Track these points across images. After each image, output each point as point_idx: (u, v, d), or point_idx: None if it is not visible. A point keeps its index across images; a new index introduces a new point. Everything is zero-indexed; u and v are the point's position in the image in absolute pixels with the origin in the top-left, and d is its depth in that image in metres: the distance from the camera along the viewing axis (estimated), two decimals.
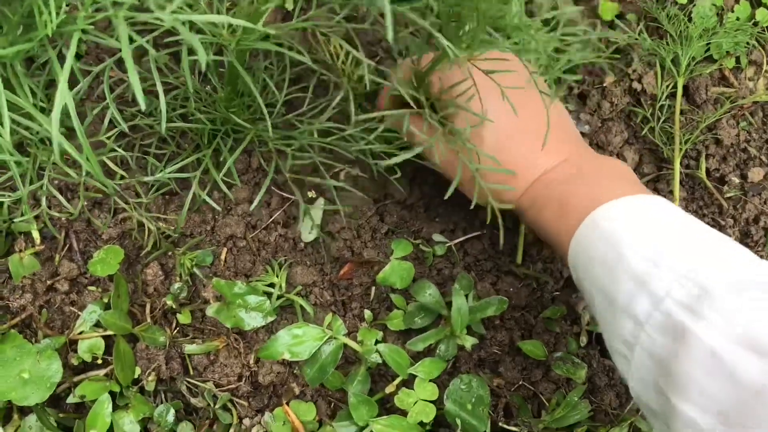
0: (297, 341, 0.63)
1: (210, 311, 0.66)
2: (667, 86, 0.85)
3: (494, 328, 0.75)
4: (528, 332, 0.76)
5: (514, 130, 0.62)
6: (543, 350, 0.71)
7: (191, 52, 0.57)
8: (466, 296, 0.73)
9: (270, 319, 0.67)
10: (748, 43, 0.88)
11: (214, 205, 0.69)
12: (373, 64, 0.62)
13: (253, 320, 0.66)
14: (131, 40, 0.46)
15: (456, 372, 0.74)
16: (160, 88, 0.48)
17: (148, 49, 0.47)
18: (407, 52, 0.71)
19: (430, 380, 0.66)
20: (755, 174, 0.85)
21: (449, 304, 0.70)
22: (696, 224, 0.52)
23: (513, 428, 0.73)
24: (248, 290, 0.66)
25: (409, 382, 0.67)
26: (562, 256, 0.59)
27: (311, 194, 0.76)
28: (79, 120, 0.42)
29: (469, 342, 0.67)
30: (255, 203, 0.69)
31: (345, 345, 0.66)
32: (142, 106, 0.39)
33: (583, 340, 0.73)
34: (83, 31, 0.50)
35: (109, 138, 0.63)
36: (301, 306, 0.71)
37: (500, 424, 0.73)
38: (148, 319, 0.71)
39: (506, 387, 0.74)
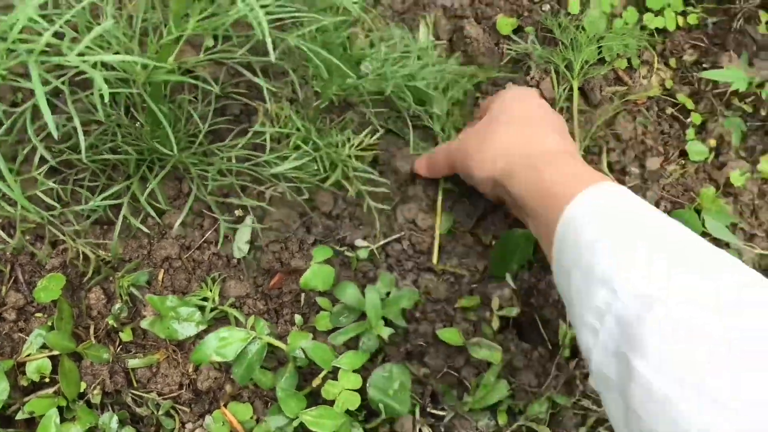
0: (224, 343, 0.69)
1: (145, 324, 0.72)
2: (564, 89, 0.92)
3: (416, 321, 0.81)
4: (449, 323, 0.82)
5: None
6: (460, 337, 0.78)
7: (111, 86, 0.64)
8: (388, 293, 0.79)
9: (202, 327, 0.72)
10: (639, 46, 0.96)
11: (145, 229, 0.74)
12: (269, 86, 0.68)
13: (185, 330, 0.72)
14: (47, 82, 0.53)
15: (386, 364, 0.80)
16: (78, 123, 0.54)
17: (68, 88, 0.54)
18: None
19: (354, 371, 0.72)
20: (652, 163, 0.92)
21: None
22: (654, 210, 0.58)
23: (440, 412, 0.79)
24: (180, 303, 0.72)
25: (335, 375, 0.73)
26: (543, 228, 0.64)
27: (239, 213, 0.82)
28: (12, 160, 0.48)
29: (385, 332, 0.73)
30: (176, 225, 0.75)
31: (270, 344, 0.72)
32: (55, 134, 0.45)
33: (495, 324, 0.79)
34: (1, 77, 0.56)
35: (40, 174, 0.69)
36: (234, 316, 0.77)
37: (428, 409, 0.79)
38: (93, 339, 0.76)
39: (432, 375, 0.80)
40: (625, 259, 0.52)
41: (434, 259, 0.83)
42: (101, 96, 0.48)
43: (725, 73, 0.87)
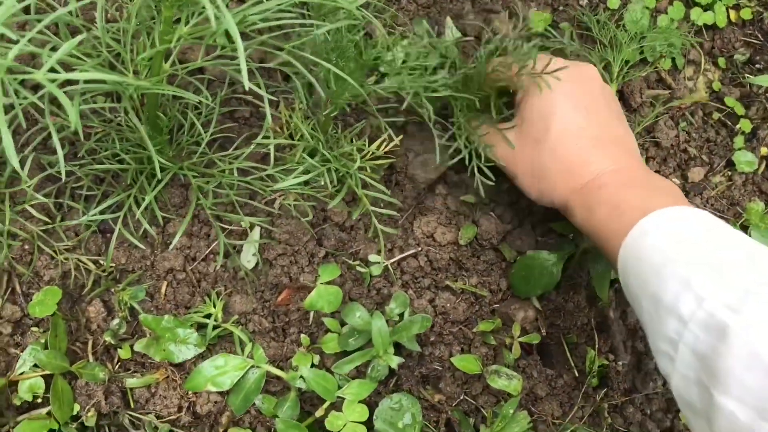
0: (219, 372, 0.65)
1: (139, 346, 0.68)
2: None
3: (432, 345, 0.76)
4: (467, 346, 0.76)
5: (577, 129, 0.67)
6: (477, 364, 0.72)
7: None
8: (401, 314, 0.74)
9: (200, 350, 0.68)
10: (685, 44, 0.88)
11: (140, 245, 0.71)
12: (270, 97, 0.63)
13: (182, 353, 0.68)
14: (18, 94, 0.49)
15: (399, 390, 0.75)
16: (54, 134, 0.50)
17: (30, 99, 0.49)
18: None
19: (360, 401, 0.67)
20: (695, 174, 0.85)
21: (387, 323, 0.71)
22: (738, 235, 0.57)
23: None
24: (176, 324, 0.68)
25: (340, 405, 0.68)
26: (610, 258, 0.63)
27: (245, 224, 0.77)
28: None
29: (394, 362, 0.68)
30: (175, 240, 0.70)
31: (270, 372, 0.68)
32: (17, 167, 0.41)
33: (516, 353, 0.74)
34: None
35: (29, 186, 0.65)
36: (238, 336, 0.72)
37: None
38: (90, 356, 0.72)
39: (447, 402, 0.75)
40: (691, 287, 0.51)
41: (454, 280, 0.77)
42: (101, 98, 0.44)
43: None
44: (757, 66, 0.91)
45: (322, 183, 0.67)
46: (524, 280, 0.75)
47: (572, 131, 0.67)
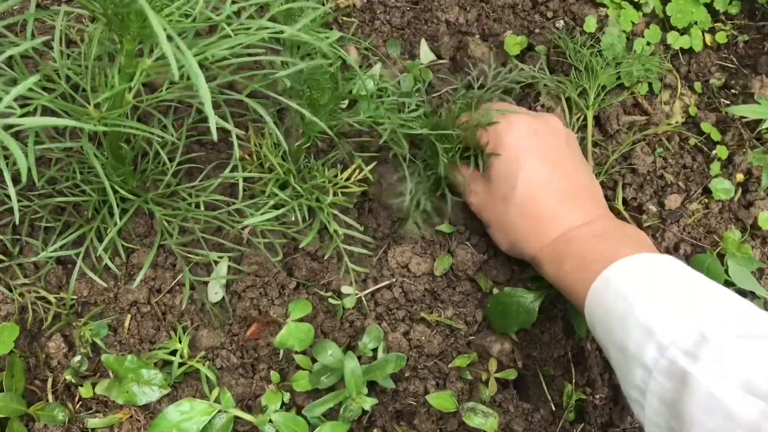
0: (185, 417, 0.62)
1: (100, 389, 0.65)
2: (577, 119, 0.84)
3: (407, 380, 0.74)
4: (443, 381, 0.74)
5: (543, 185, 0.68)
6: (452, 402, 0.70)
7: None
8: (375, 349, 0.72)
9: (164, 391, 0.65)
10: (661, 68, 0.87)
11: (101, 282, 0.68)
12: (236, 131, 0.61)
13: (146, 395, 0.65)
14: None
15: (372, 427, 0.73)
16: (6, 172, 0.47)
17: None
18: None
19: None
20: (672, 201, 0.84)
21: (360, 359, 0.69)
22: (699, 278, 0.58)
23: None
24: (139, 364, 0.65)
25: None
26: (579, 308, 0.63)
27: (214, 256, 0.74)
28: None
29: (368, 403, 0.66)
30: (138, 278, 0.67)
31: (237, 417, 0.65)
32: None
33: (492, 389, 0.72)
34: None
35: None
36: (206, 375, 0.69)
37: None
38: (50, 395, 0.69)
39: None
40: (654, 335, 0.53)
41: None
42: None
43: (755, 109, 0.78)
44: (733, 91, 0.90)
45: (293, 218, 0.64)
46: (501, 316, 0.74)
47: (539, 188, 0.68)
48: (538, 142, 0.69)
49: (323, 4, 0.63)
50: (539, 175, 0.68)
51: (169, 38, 0.39)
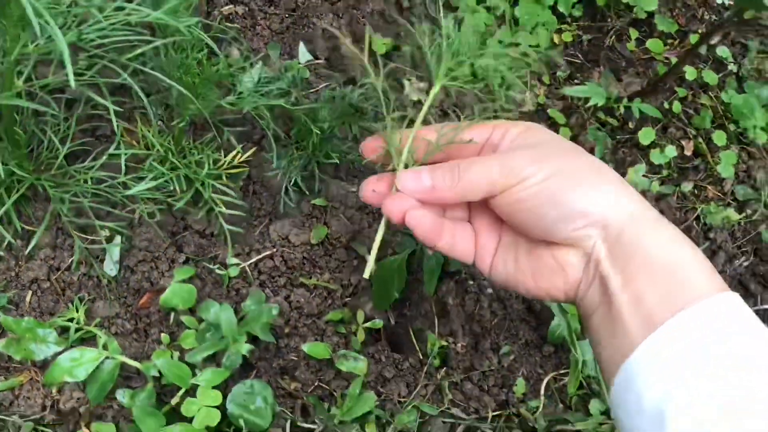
0: (75, 364, 0.69)
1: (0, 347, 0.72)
2: None
3: (288, 336, 0.82)
4: (320, 336, 0.83)
5: None
6: (327, 351, 0.79)
7: None
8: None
9: (59, 347, 0.72)
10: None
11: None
12: (117, 108, 0.69)
13: (42, 351, 0.71)
14: None
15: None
16: None
17: None
18: None
19: (215, 387, 0.72)
20: None
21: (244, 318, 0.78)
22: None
23: (311, 425, 0.80)
24: (36, 324, 0.72)
25: (195, 393, 0.74)
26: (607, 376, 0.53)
27: (105, 233, 0.82)
28: None
29: (244, 349, 0.74)
30: (28, 249, 0.75)
31: (124, 363, 0.72)
32: None
33: (360, 337, 0.81)
34: None
35: None
36: (100, 336, 0.77)
37: (299, 423, 0.80)
38: None
39: (303, 389, 0.81)
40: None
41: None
42: None
43: (585, 90, 0.90)
44: (575, 81, 1.04)
45: (172, 188, 0.73)
46: (384, 293, 0.83)
47: None
48: None
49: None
50: None
51: (38, 14, 0.48)
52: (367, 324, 0.81)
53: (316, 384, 0.82)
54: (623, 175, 0.99)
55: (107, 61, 0.61)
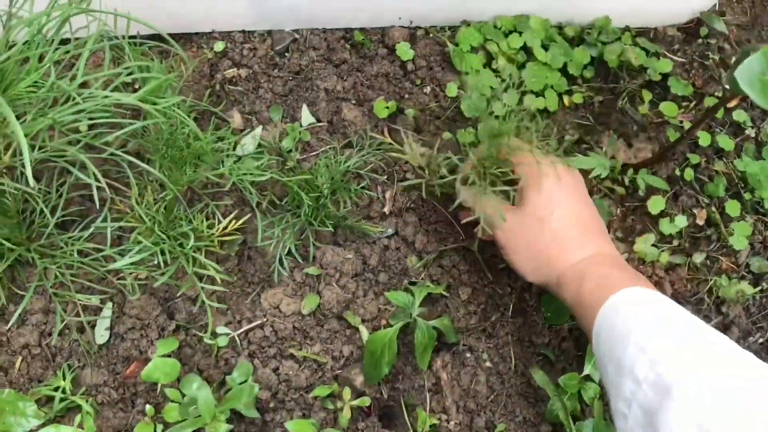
0: None
1: None
2: None
3: (274, 411, 0.81)
4: (308, 411, 0.81)
5: (576, 217, 0.79)
6: (312, 429, 0.77)
7: None
8: (243, 383, 0.79)
9: (38, 421, 0.72)
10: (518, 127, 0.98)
11: None
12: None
13: (21, 426, 0.71)
14: None
15: None
16: None
17: None
18: None
19: None
20: None
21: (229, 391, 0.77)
22: (691, 316, 0.66)
23: None
24: (16, 397, 0.72)
25: None
26: (587, 328, 0.71)
27: (95, 300, 0.82)
28: None
29: (223, 429, 0.72)
30: (13, 318, 0.75)
31: None
32: None
33: (346, 415, 0.79)
34: None
35: None
36: (84, 408, 0.76)
37: None
38: None
39: None
40: (646, 352, 0.60)
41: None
42: None
43: (589, 161, 0.88)
44: (585, 146, 1.01)
45: (156, 262, 0.73)
46: (375, 366, 0.81)
47: (571, 218, 0.78)
48: (568, 183, 0.79)
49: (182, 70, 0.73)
50: (572, 209, 0.78)
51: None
52: (355, 402, 0.79)
53: None
54: (631, 244, 0.95)
55: (83, 144, 0.61)
